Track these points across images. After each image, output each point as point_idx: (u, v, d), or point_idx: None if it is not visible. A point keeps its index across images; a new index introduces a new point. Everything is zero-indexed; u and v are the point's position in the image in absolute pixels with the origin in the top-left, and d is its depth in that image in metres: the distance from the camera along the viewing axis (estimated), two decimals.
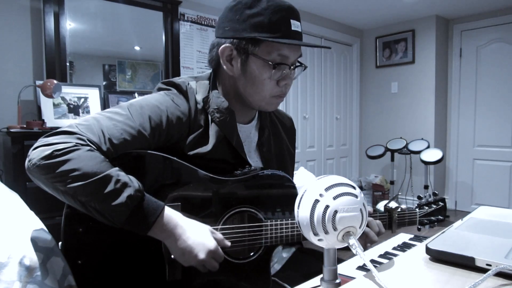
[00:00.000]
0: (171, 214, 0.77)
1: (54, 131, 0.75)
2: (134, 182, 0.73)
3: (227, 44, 0.89)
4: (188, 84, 0.92)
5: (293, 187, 0.96)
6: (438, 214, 1.14)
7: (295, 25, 0.88)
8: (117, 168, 0.74)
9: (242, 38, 0.87)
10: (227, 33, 0.89)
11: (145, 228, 0.74)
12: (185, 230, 0.77)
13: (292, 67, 0.91)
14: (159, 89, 0.95)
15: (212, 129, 0.91)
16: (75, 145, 0.72)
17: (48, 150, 0.70)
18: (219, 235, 0.82)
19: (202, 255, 0.76)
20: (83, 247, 0.79)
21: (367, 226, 0.97)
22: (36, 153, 0.71)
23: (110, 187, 0.70)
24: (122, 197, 0.70)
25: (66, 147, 0.71)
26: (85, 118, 0.81)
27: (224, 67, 0.92)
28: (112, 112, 0.83)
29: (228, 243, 0.82)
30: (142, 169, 0.82)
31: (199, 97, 0.92)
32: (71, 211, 0.78)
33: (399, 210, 1.06)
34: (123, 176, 0.73)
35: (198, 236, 0.77)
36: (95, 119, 0.79)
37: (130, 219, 0.72)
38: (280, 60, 0.88)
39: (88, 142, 0.74)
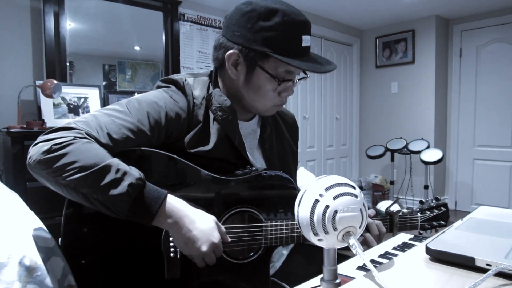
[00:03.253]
0: (175, 202, 0.76)
1: (53, 128, 0.76)
2: (134, 171, 0.73)
3: (235, 51, 0.89)
4: (186, 80, 0.92)
5: (294, 188, 0.95)
6: (440, 219, 1.13)
7: (306, 41, 0.88)
8: (117, 159, 0.74)
9: (251, 49, 0.87)
10: (236, 39, 0.88)
11: (150, 216, 0.73)
12: (191, 220, 0.76)
13: (296, 81, 0.93)
14: (158, 87, 0.95)
15: (214, 127, 0.91)
16: (73, 139, 0.72)
17: (47, 145, 0.71)
18: (222, 228, 0.82)
19: (205, 247, 0.76)
20: (82, 247, 0.79)
21: (366, 229, 0.97)
22: (36, 149, 0.71)
23: (110, 176, 0.70)
24: (123, 186, 0.70)
25: (64, 141, 0.71)
26: (83, 115, 0.81)
27: (229, 71, 0.92)
28: (110, 109, 0.83)
29: (229, 239, 0.83)
30: (142, 167, 0.82)
31: (197, 93, 0.92)
32: (71, 211, 0.78)
33: (400, 214, 1.05)
34: (123, 166, 0.73)
35: (204, 227, 0.77)
36: (93, 116, 0.80)
37: (133, 208, 0.71)
38: (286, 76, 0.90)
39: (86, 135, 0.74)
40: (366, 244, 0.94)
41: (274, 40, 0.85)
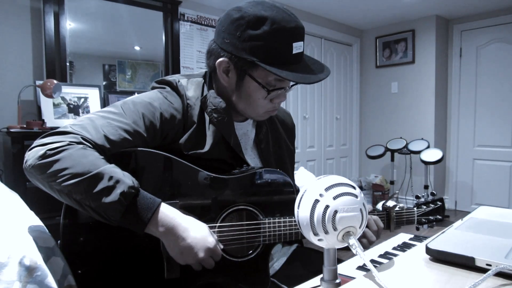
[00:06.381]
0: (168, 211, 0.76)
1: (49, 132, 0.76)
2: (127, 179, 0.73)
3: (225, 59, 0.88)
4: (179, 81, 0.92)
5: (291, 186, 0.96)
6: (436, 214, 1.13)
7: (297, 47, 0.85)
8: (112, 165, 0.74)
9: (240, 57, 0.86)
10: (226, 46, 0.87)
11: (141, 225, 0.73)
12: (184, 228, 0.76)
13: (287, 88, 0.91)
14: (153, 88, 0.95)
15: (210, 129, 0.91)
16: (68, 144, 0.72)
17: (42, 150, 0.71)
18: (214, 236, 0.81)
19: (201, 253, 0.76)
20: (82, 249, 0.79)
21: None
22: (31, 154, 0.72)
23: (103, 184, 0.70)
24: (115, 194, 0.70)
25: (59, 146, 0.71)
26: (79, 119, 0.81)
27: (220, 78, 0.92)
28: (106, 111, 0.83)
29: (221, 246, 0.82)
30: (140, 167, 0.82)
31: (190, 94, 0.92)
32: (69, 218, 0.79)
33: (397, 209, 1.05)
34: (117, 173, 0.72)
35: (198, 234, 0.77)
36: (89, 119, 0.80)
37: (125, 216, 0.72)
38: (277, 84, 0.88)
39: (82, 140, 0.74)
40: (365, 237, 0.95)
41: (262, 49, 0.83)
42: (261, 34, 0.83)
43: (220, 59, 0.89)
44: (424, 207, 1.13)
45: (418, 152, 3.81)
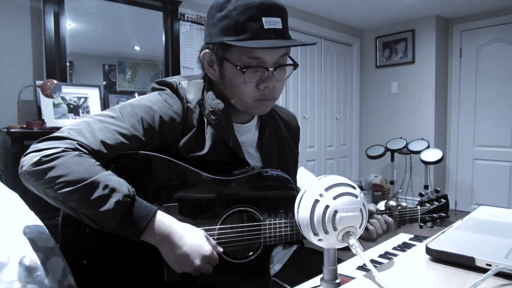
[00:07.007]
0: (164, 219, 0.75)
1: (44, 137, 0.75)
2: (123, 187, 0.72)
3: (206, 50, 0.89)
4: (179, 83, 0.91)
5: (292, 186, 0.95)
6: (440, 211, 1.12)
7: (270, 23, 0.81)
8: (108, 172, 0.73)
9: (214, 43, 0.86)
10: (206, 38, 0.89)
11: (137, 234, 0.73)
12: (180, 236, 0.75)
13: (271, 69, 0.85)
14: (153, 89, 0.94)
15: (208, 131, 0.90)
16: (63, 150, 0.71)
17: (36, 157, 0.70)
18: (212, 241, 0.80)
19: (197, 261, 0.75)
20: (81, 249, 0.79)
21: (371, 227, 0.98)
22: (26, 160, 0.71)
23: (98, 192, 0.69)
24: (110, 203, 0.69)
25: (54, 152, 0.70)
26: (75, 123, 0.80)
27: (208, 73, 0.91)
28: (104, 115, 0.82)
29: (220, 249, 0.81)
30: (139, 170, 0.82)
31: (190, 96, 0.91)
32: (69, 215, 0.78)
33: (399, 208, 1.05)
34: (112, 181, 0.71)
35: (193, 242, 0.76)
36: (86, 123, 0.79)
37: (120, 225, 0.71)
38: (255, 63, 0.84)
39: (78, 146, 0.73)
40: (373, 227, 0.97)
41: (229, 27, 0.82)
42: (226, 13, 0.83)
43: (202, 52, 0.90)
44: (428, 205, 1.11)
45: (418, 152, 3.81)
